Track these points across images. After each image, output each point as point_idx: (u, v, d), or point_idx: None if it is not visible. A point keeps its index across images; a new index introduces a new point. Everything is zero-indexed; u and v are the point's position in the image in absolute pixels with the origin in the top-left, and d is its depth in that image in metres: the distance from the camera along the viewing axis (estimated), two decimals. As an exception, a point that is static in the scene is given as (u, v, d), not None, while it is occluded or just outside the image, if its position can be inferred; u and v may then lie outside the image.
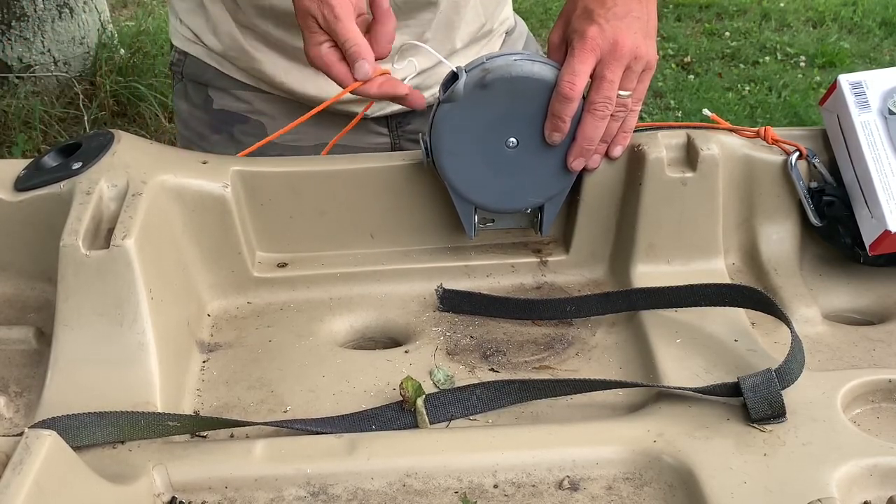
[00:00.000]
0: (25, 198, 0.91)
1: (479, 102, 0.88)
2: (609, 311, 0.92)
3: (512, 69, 0.87)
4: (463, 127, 0.89)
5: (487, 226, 0.99)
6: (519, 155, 0.91)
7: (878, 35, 3.94)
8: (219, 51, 1.14)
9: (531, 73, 0.87)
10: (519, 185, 0.93)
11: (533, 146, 0.90)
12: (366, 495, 0.73)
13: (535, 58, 0.88)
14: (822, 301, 0.95)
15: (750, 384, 0.76)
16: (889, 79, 0.96)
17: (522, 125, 0.89)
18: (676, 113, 3.33)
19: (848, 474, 0.71)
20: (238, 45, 1.12)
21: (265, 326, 0.93)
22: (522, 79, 0.87)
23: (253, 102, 1.16)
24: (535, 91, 0.88)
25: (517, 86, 0.87)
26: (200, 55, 1.16)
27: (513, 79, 0.87)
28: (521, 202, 0.95)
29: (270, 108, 1.15)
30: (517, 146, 0.90)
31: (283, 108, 1.15)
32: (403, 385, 0.79)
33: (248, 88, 1.16)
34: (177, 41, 1.19)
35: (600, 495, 0.73)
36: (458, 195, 0.94)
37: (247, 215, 0.96)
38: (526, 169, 0.91)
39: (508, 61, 0.87)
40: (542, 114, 0.89)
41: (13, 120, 3.01)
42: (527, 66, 0.87)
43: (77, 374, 0.80)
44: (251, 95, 1.16)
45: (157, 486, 0.73)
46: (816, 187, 0.97)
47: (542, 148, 0.91)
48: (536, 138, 0.90)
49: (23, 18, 3.06)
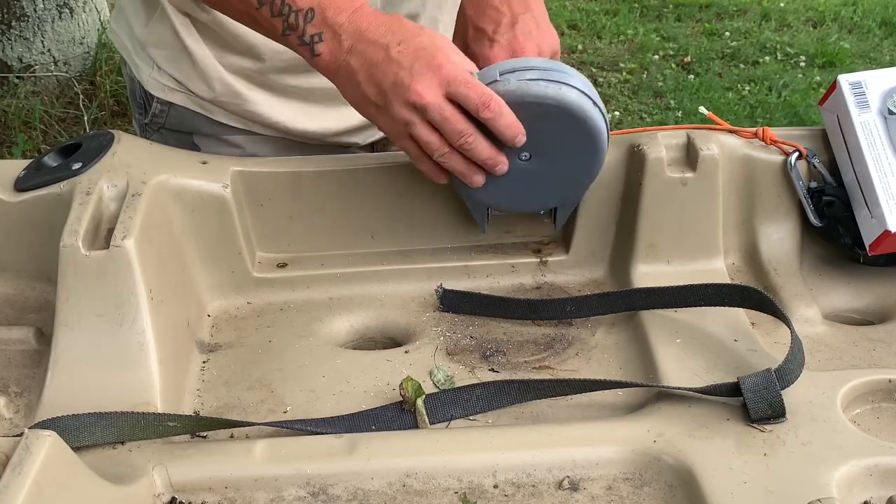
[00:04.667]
0: (25, 198, 0.91)
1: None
2: (609, 311, 0.92)
3: (526, 93, 0.84)
4: None
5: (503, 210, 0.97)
6: (531, 167, 0.89)
7: (878, 35, 3.93)
8: (209, 97, 1.08)
9: (545, 97, 0.84)
10: (532, 192, 0.92)
11: (546, 160, 0.89)
12: (366, 495, 0.73)
13: (550, 75, 0.85)
14: (822, 301, 0.95)
15: (750, 384, 0.76)
16: (889, 79, 0.96)
17: (535, 142, 0.86)
18: (676, 113, 3.32)
19: (848, 474, 0.71)
20: (231, 89, 1.07)
21: (265, 327, 0.93)
22: (536, 104, 0.84)
23: (245, 146, 1.12)
24: (549, 113, 0.85)
25: (530, 109, 0.84)
26: (185, 103, 1.09)
27: (526, 104, 0.84)
28: (535, 205, 0.94)
29: (262, 149, 1.11)
30: (529, 159, 0.88)
31: (274, 146, 1.12)
32: (403, 385, 0.79)
33: (239, 132, 1.11)
34: (156, 91, 1.10)
35: (600, 495, 0.73)
36: (470, 198, 0.93)
37: (247, 215, 0.96)
38: (538, 179, 0.90)
39: (522, 81, 0.84)
40: (555, 132, 0.86)
41: (13, 120, 3.01)
42: (541, 87, 0.84)
43: (77, 374, 0.80)
44: (242, 139, 1.11)
45: (157, 486, 0.73)
46: (816, 187, 0.97)
47: (556, 161, 0.89)
48: (549, 153, 0.88)
49: (23, 18, 3.06)
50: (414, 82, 0.82)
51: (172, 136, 1.12)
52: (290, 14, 0.87)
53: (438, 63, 0.82)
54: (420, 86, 0.82)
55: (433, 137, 0.85)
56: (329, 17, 0.86)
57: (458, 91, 0.82)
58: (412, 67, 0.82)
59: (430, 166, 0.88)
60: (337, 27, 0.86)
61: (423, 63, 0.82)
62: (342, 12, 0.86)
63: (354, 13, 0.86)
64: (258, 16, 0.89)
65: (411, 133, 0.85)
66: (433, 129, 0.84)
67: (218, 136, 1.11)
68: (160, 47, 1.07)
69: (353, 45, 0.85)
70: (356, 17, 0.86)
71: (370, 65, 0.84)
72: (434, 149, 0.85)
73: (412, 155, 0.88)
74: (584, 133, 0.86)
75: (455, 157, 0.86)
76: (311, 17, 0.86)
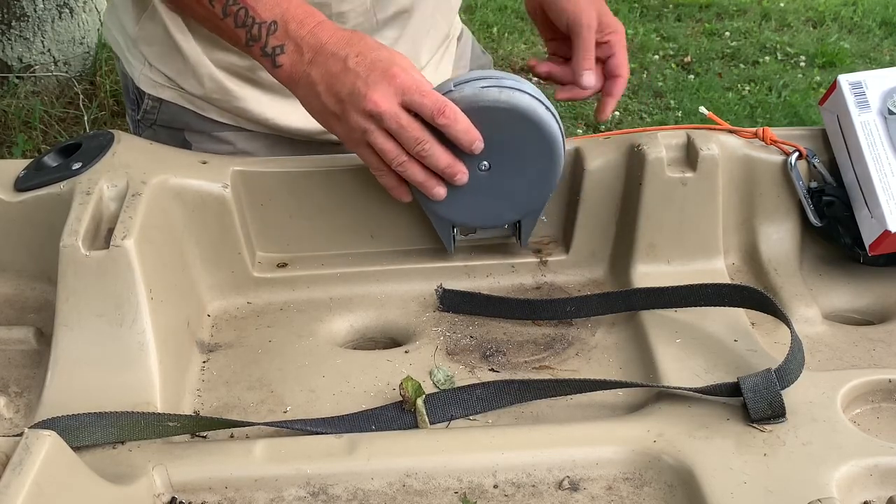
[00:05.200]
0: (25, 198, 0.91)
1: None
2: (609, 311, 0.92)
3: (479, 98, 0.85)
4: None
5: (469, 236, 0.99)
6: (492, 177, 0.90)
7: (878, 35, 3.93)
8: (199, 94, 1.08)
9: (497, 101, 0.85)
10: (494, 204, 0.92)
11: (505, 169, 0.89)
12: (366, 495, 0.73)
13: (503, 83, 0.87)
14: (822, 301, 0.95)
15: (750, 384, 0.76)
16: (889, 79, 0.96)
17: (493, 150, 0.88)
18: (676, 113, 3.32)
19: (848, 474, 0.71)
20: (221, 85, 1.07)
21: (265, 326, 0.93)
22: (490, 108, 0.86)
23: (235, 142, 1.12)
24: (504, 118, 0.86)
25: (485, 115, 0.86)
26: (176, 99, 1.10)
27: (480, 109, 0.85)
28: (497, 219, 0.95)
29: (253, 146, 1.12)
30: (489, 169, 0.89)
31: (265, 143, 1.12)
32: (403, 385, 0.79)
33: (230, 129, 1.11)
34: (147, 87, 1.11)
35: (600, 495, 0.73)
36: (434, 214, 0.93)
37: (247, 215, 0.96)
38: (499, 190, 0.91)
39: (476, 89, 0.86)
40: (512, 139, 0.88)
41: (13, 120, 3.01)
42: (493, 93, 0.85)
43: (77, 374, 0.80)
44: (233, 135, 1.12)
45: (157, 486, 0.73)
46: (816, 187, 0.97)
47: (515, 170, 0.90)
48: (508, 162, 0.89)
49: (23, 18, 3.06)
50: (370, 91, 0.84)
51: (164, 133, 1.12)
52: (253, 25, 0.89)
53: (393, 73, 0.84)
54: (376, 94, 0.84)
55: (390, 145, 0.86)
56: (291, 29, 0.88)
57: (413, 99, 0.84)
58: (368, 77, 0.85)
59: (391, 179, 0.90)
60: (299, 40, 0.88)
61: (378, 73, 0.85)
62: (304, 26, 0.88)
63: (316, 27, 0.89)
64: (223, 25, 0.91)
65: (368, 141, 0.87)
66: (390, 136, 0.86)
67: (209, 132, 1.12)
68: (151, 44, 1.08)
69: (314, 58, 0.87)
70: (318, 31, 0.88)
71: (329, 75, 0.86)
72: (391, 157, 0.87)
73: (372, 165, 0.90)
74: (539, 137, 0.88)
75: (413, 167, 0.87)
76: (274, 30, 0.89)
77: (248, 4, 0.89)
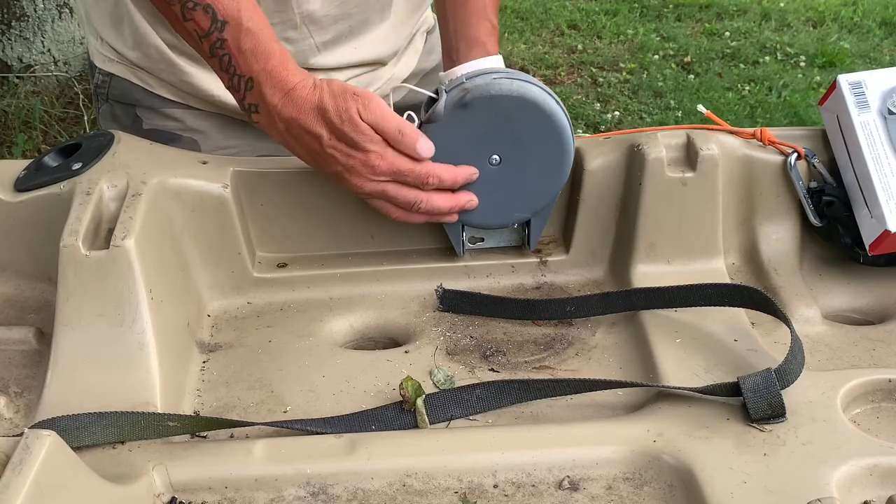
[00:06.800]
0: (25, 198, 0.91)
1: (460, 122, 0.88)
2: (609, 311, 0.92)
3: (492, 88, 0.87)
4: (445, 147, 0.89)
5: (478, 244, 0.99)
6: (502, 172, 0.91)
7: (878, 35, 3.93)
8: (144, 65, 1.09)
9: (510, 91, 0.87)
10: (504, 201, 0.93)
11: (516, 162, 0.90)
12: (366, 495, 0.73)
13: (514, 75, 0.89)
14: (822, 301, 0.95)
15: (750, 384, 0.76)
16: (889, 79, 0.96)
17: (504, 142, 0.90)
18: (676, 113, 3.32)
19: (848, 474, 0.71)
20: (165, 57, 1.07)
21: (265, 327, 0.93)
22: (502, 97, 0.87)
23: (184, 120, 1.12)
24: (515, 109, 0.88)
25: (497, 104, 0.88)
26: (125, 74, 1.11)
27: (492, 97, 0.87)
28: (507, 217, 0.95)
29: (202, 125, 1.12)
30: (500, 163, 0.90)
31: (214, 123, 1.12)
32: (403, 385, 0.79)
33: (178, 106, 1.12)
34: (98, 62, 1.13)
35: (600, 495, 0.73)
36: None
37: (247, 215, 0.96)
38: (510, 185, 0.92)
39: (488, 80, 0.88)
40: (523, 131, 0.89)
41: (13, 120, 3.01)
42: (506, 84, 0.88)
43: (77, 374, 0.80)
44: (181, 112, 1.12)
45: (157, 486, 0.73)
46: (816, 187, 0.97)
47: (526, 164, 0.91)
48: (519, 155, 0.90)
49: (23, 18, 3.06)
50: (352, 178, 0.88)
51: (119, 108, 1.14)
52: (234, 75, 0.89)
53: (372, 163, 0.86)
54: (358, 181, 0.88)
55: (389, 207, 0.91)
56: (265, 93, 0.88)
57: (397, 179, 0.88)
58: (347, 166, 0.87)
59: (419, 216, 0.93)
60: (271, 108, 0.88)
61: (358, 161, 0.87)
62: (277, 92, 0.87)
63: (286, 96, 0.87)
64: (211, 62, 0.91)
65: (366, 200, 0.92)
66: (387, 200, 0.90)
67: (158, 108, 1.12)
68: (102, 16, 1.10)
69: (288, 129, 0.88)
70: (287, 102, 0.87)
71: (309, 151, 0.89)
72: (396, 216, 0.92)
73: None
74: (550, 128, 0.89)
75: (420, 217, 0.92)
76: (251, 87, 0.89)
77: (232, 52, 0.88)
